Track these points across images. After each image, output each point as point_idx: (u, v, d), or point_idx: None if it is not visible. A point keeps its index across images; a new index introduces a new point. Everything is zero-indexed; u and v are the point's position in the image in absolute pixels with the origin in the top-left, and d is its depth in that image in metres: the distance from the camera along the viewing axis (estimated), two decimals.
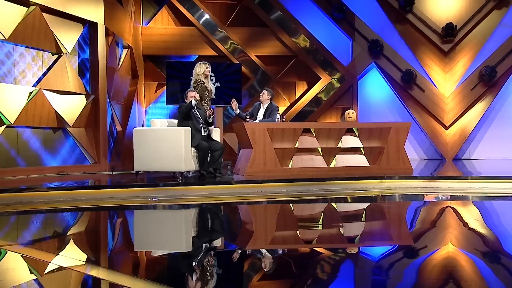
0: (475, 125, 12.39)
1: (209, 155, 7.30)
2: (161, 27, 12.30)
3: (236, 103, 8.04)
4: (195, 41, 12.29)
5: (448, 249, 3.64)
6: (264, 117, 8.16)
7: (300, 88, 12.87)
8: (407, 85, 12.38)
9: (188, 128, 7.05)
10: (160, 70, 12.09)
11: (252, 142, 7.54)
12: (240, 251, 3.72)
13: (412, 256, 3.53)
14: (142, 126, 11.60)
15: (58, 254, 3.52)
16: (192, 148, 7.08)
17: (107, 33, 9.96)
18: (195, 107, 7.36)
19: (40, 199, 5.84)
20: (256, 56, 12.40)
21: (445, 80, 12.47)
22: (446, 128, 12.39)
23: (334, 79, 12.57)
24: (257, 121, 8.12)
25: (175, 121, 7.61)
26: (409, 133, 12.60)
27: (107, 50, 9.89)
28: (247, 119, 7.87)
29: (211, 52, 12.31)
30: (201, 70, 7.85)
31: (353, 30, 12.59)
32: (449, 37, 12.28)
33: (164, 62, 11.26)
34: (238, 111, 8.09)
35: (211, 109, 7.61)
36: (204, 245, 3.94)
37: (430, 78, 12.47)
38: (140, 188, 6.28)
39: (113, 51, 10.49)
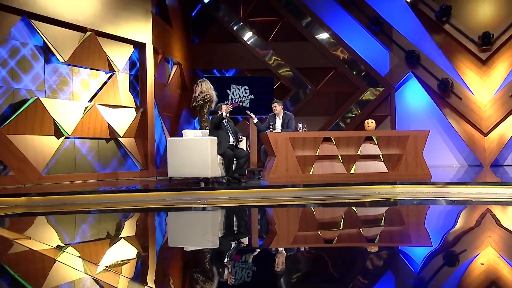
0: None
1: (235, 162, 7.79)
2: (209, 43, 12.97)
3: (253, 115, 8.89)
4: (240, 56, 12.87)
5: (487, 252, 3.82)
6: (282, 127, 8.61)
7: (339, 98, 13.11)
8: (444, 93, 12.33)
9: (214, 138, 7.59)
10: None
11: (275, 150, 7.95)
12: (260, 249, 4.06)
13: (433, 258, 3.67)
14: None
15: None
16: (219, 156, 7.60)
17: (156, 52, 10.72)
18: (225, 120, 7.94)
19: (80, 201, 6.56)
20: (297, 68, 12.79)
21: (483, 87, 12.29)
22: (485, 135, 12.20)
23: (372, 88, 12.73)
24: (278, 130, 8.55)
25: (207, 131, 8.17)
26: (448, 140, 12.73)
27: (155, 67, 10.65)
28: (271, 129, 8.33)
29: (254, 66, 12.84)
30: (209, 86, 8.74)
31: (390, 42, 12.71)
32: (486, 46, 12.12)
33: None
34: (256, 120, 8.83)
35: (240, 136, 8.20)
36: (230, 243, 4.28)
37: (467, 86, 12.34)
38: (165, 192, 6.87)
39: (162, 67, 11.25)
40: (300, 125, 8.25)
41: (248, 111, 8.78)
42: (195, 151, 7.50)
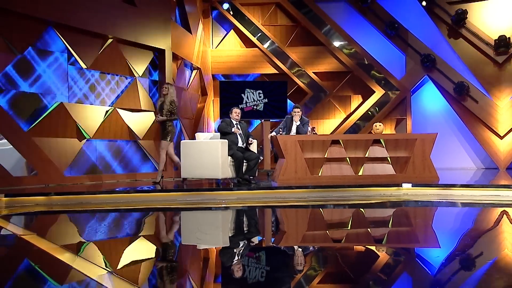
0: None
1: (246, 164, 7.97)
2: (228, 49, 13.22)
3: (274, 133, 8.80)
4: (258, 61, 13.08)
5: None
6: (297, 130, 8.76)
7: (355, 101, 13.18)
8: (460, 96, 12.26)
9: (225, 141, 7.79)
10: None
11: (284, 152, 8.10)
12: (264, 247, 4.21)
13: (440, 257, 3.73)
14: None
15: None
16: (229, 157, 7.80)
17: (175, 57, 11.00)
18: (236, 123, 8.13)
19: (95, 201, 6.85)
20: (314, 72, 12.92)
21: (500, 91, 12.17)
22: (501, 137, 12.08)
23: (388, 92, 12.76)
24: (294, 133, 8.70)
25: (218, 134, 8.38)
26: (465, 143, 12.64)
27: (174, 72, 10.94)
28: (281, 132, 8.50)
29: (272, 70, 13.02)
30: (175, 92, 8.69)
31: (406, 45, 12.71)
32: (502, 49, 12.00)
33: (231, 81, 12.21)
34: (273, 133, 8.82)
35: (251, 139, 8.30)
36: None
37: (484, 89, 12.24)
38: (176, 193, 7.11)
39: (182, 72, 11.53)
40: (309, 128, 8.38)
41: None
42: (206, 153, 7.72)
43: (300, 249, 4.07)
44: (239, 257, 3.73)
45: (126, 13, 9.79)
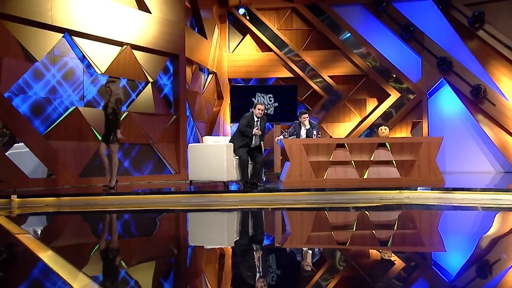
0: None
1: (252, 166, 8.15)
2: (244, 53, 13.47)
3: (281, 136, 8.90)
4: (274, 65, 13.29)
5: None
6: (307, 134, 8.93)
7: (371, 104, 13.23)
8: (476, 99, 12.17)
9: (230, 144, 8.01)
10: None
11: (289, 155, 8.29)
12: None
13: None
14: None
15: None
16: (234, 160, 7.98)
17: (190, 62, 11.30)
18: (258, 120, 8.13)
19: (102, 202, 7.17)
20: (329, 76, 13.05)
21: None
22: None
23: (404, 95, 12.78)
24: (304, 137, 8.87)
25: (227, 138, 8.60)
26: (484, 146, 12.53)
27: (188, 77, 11.24)
28: (286, 136, 8.68)
29: (287, 74, 13.20)
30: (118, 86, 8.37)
31: (422, 48, 12.70)
32: None
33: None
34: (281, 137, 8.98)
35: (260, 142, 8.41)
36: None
37: (501, 92, 12.10)
38: (180, 195, 7.38)
39: (196, 77, 11.83)
40: (315, 132, 8.54)
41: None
42: (212, 156, 7.95)
43: (297, 251, 4.23)
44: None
45: (140, 19, 10.12)
